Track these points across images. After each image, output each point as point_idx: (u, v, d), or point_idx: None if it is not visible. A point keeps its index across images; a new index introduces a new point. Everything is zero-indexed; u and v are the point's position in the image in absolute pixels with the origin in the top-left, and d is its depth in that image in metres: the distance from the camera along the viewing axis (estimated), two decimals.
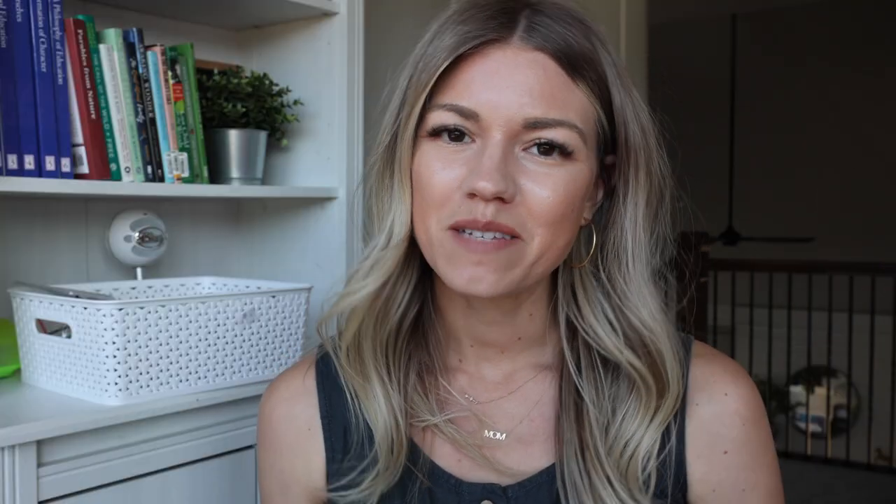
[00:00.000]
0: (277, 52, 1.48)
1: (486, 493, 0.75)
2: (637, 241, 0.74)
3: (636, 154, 0.72)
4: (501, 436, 0.77)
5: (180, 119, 1.23)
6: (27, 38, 1.04)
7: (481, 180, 0.65)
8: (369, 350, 0.76)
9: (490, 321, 0.76)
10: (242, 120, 1.34)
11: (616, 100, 0.71)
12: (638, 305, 0.73)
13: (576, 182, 0.69)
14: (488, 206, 0.66)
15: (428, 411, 0.77)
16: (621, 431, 0.73)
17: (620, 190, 0.74)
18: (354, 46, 1.41)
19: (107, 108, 1.13)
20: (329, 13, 1.39)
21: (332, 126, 1.41)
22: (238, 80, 1.33)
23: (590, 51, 0.69)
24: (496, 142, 0.67)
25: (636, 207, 0.73)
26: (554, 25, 0.68)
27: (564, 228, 0.70)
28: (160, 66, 1.20)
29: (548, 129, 0.67)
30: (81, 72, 1.09)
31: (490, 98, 0.67)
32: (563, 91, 0.68)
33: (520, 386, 0.79)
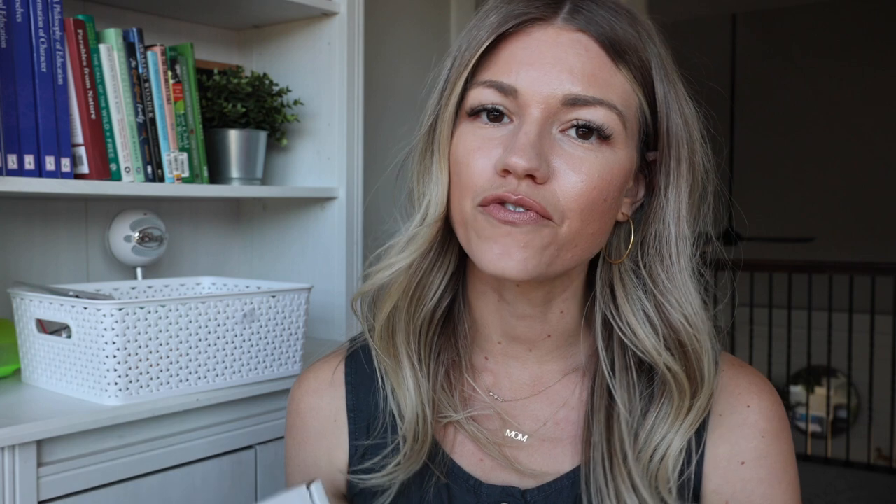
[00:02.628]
0: (277, 52, 1.48)
1: (504, 496, 0.74)
2: (681, 235, 0.72)
3: (678, 145, 0.71)
4: (523, 437, 0.76)
5: (180, 119, 1.23)
6: (27, 38, 1.04)
7: (514, 156, 0.64)
8: (402, 334, 0.76)
9: (521, 315, 0.75)
10: (242, 120, 1.34)
11: (659, 89, 0.69)
12: (681, 300, 0.71)
13: (612, 169, 0.67)
14: (520, 183, 0.65)
15: (451, 408, 0.77)
16: (652, 436, 0.71)
17: (662, 182, 0.72)
18: (354, 46, 1.41)
19: (107, 108, 1.13)
20: (329, 13, 1.39)
21: (332, 126, 1.41)
22: (238, 80, 1.33)
23: (634, 38, 0.68)
24: (533, 119, 0.66)
25: (678, 200, 0.72)
26: (599, 10, 0.68)
27: (596, 216, 0.68)
28: (160, 66, 1.20)
29: (587, 107, 0.66)
30: (81, 72, 1.09)
31: (529, 74, 0.66)
32: (605, 72, 0.67)
33: (547, 387, 0.77)
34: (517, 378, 0.78)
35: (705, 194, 0.74)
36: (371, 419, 0.80)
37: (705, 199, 0.75)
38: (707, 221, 0.75)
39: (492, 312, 0.76)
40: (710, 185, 0.74)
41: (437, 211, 0.71)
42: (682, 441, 0.71)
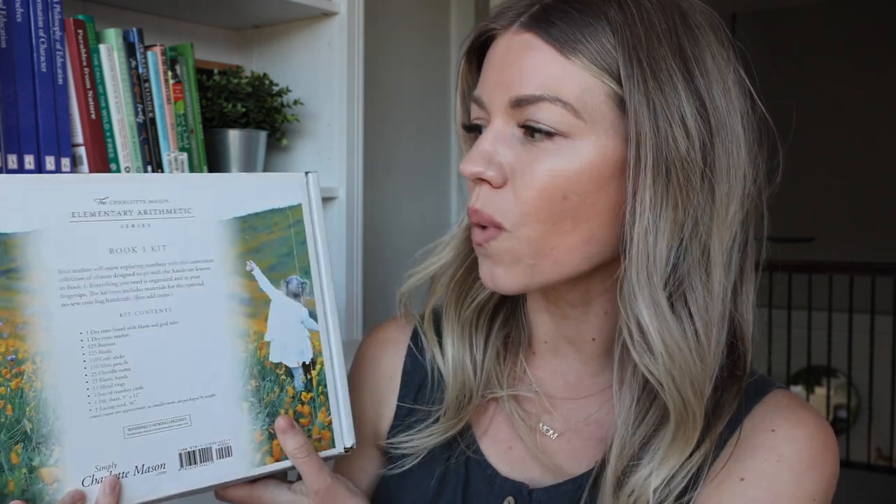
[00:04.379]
0: (277, 52, 1.48)
1: (513, 491, 0.75)
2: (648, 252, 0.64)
3: (645, 148, 0.62)
4: (553, 434, 0.76)
5: (180, 119, 1.23)
6: (27, 38, 1.04)
7: (464, 163, 0.67)
8: (451, 318, 0.79)
9: (564, 315, 0.75)
10: (242, 120, 1.34)
11: (624, 72, 0.63)
12: (635, 293, 0.64)
13: (570, 164, 0.63)
14: (480, 190, 0.67)
15: (499, 383, 0.78)
16: (653, 466, 0.66)
17: (630, 187, 0.64)
18: (354, 46, 1.41)
19: (107, 108, 1.13)
20: (329, 13, 1.39)
21: (332, 126, 1.41)
22: (238, 80, 1.33)
23: (591, 22, 0.64)
24: (492, 127, 0.67)
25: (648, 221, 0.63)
26: (562, 5, 0.66)
27: (561, 216, 0.64)
28: (160, 66, 1.20)
29: (531, 105, 0.64)
30: (81, 72, 1.09)
31: (488, 84, 0.68)
32: (554, 68, 0.64)
33: (590, 394, 0.77)
34: (561, 377, 0.78)
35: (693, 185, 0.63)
36: (422, 384, 0.82)
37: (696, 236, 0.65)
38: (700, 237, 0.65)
39: (541, 311, 0.77)
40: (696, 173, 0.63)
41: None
42: (661, 478, 0.65)
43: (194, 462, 0.68)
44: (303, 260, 0.74)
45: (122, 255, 0.66)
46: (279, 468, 0.71)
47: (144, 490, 0.66)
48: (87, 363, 0.64)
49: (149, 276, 0.67)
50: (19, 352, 0.61)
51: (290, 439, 0.70)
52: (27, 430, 0.61)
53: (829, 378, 4.15)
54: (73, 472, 0.63)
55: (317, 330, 0.74)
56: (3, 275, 0.62)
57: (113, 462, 0.64)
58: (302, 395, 0.72)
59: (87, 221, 0.65)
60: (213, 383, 0.69)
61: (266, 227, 0.73)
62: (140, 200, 0.68)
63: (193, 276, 0.69)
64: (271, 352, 0.72)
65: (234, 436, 0.69)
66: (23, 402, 0.61)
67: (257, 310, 0.71)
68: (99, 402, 0.64)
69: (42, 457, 0.62)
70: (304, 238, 0.74)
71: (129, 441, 0.65)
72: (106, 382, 0.64)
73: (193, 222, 0.70)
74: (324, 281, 0.75)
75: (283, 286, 0.73)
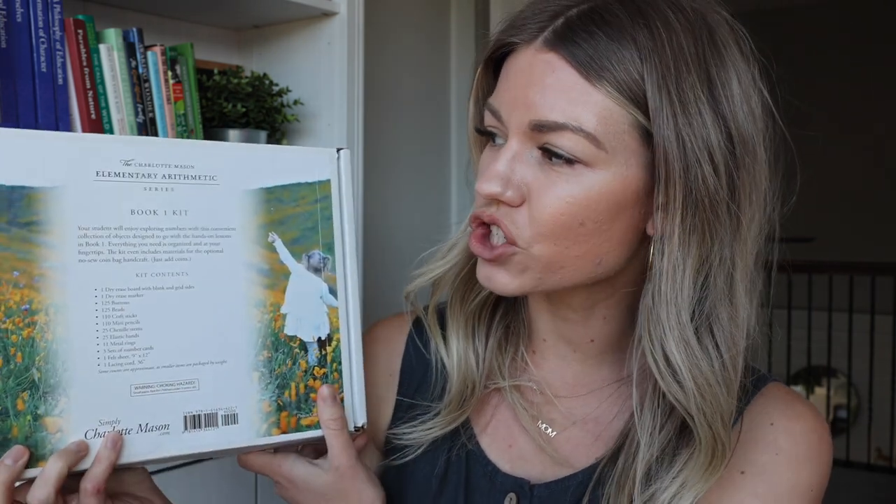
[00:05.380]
0: (277, 52, 1.48)
1: (515, 487, 0.75)
2: (672, 261, 0.64)
3: (668, 167, 0.62)
4: (552, 431, 0.77)
5: (180, 119, 1.23)
6: (27, 38, 1.04)
7: (481, 182, 0.66)
8: (454, 314, 0.80)
9: (564, 317, 0.76)
10: (242, 120, 1.34)
11: (653, 104, 0.61)
12: (665, 332, 0.65)
13: (589, 193, 0.63)
14: (494, 206, 0.67)
15: (500, 376, 0.79)
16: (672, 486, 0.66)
17: (659, 225, 0.64)
18: (354, 46, 1.41)
19: (107, 108, 1.13)
20: (329, 13, 1.39)
21: (332, 126, 1.41)
22: (238, 80, 1.33)
23: (619, 47, 0.62)
24: (510, 144, 0.66)
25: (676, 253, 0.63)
26: (584, 26, 0.63)
27: (576, 240, 0.65)
28: (160, 66, 1.20)
29: (551, 133, 0.63)
30: (81, 72, 1.09)
31: (508, 98, 0.66)
32: (577, 93, 0.62)
33: (589, 391, 0.77)
34: (560, 376, 0.79)
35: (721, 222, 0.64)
36: (422, 380, 0.83)
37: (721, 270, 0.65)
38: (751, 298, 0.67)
39: (542, 311, 0.78)
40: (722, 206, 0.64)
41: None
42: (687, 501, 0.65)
43: (198, 426, 0.68)
44: (327, 236, 0.74)
45: (142, 216, 0.67)
46: (285, 440, 0.71)
47: (146, 448, 0.66)
48: (98, 319, 0.65)
49: (168, 238, 0.68)
50: (34, 302, 0.63)
51: (328, 408, 0.71)
52: (35, 379, 0.62)
53: (829, 378, 4.15)
54: (76, 423, 0.64)
55: (336, 306, 0.74)
56: (25, 227, 0.63)
57: (117, 418, 0.65)
58: (315, 369, 0.73)
59: (111, 181, 0.66)
60: (225, 350, 0.69)
61: (292, 200, 0.73)
62: (165, 164, 0.68)
63: (213, 243, 0.69)
64: (286, 324, 0.72)
65: (242, 404, 0.70)
66: (33, 351, 0.63)
67: (276, 281, 0.72)
68: (108, 358, 0.65)
69: (47, 406, 0.63)
70: (329, 214, 0.74)
71: (135, 399, 0.66)
72: (116, 340, 0.65)
73: (218, 190, 0.70)
74: (347, 258, 0.75)
75: (305, 260, 0.73)
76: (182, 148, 0.70)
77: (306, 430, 0.72)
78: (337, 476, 0.71)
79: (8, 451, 0.61)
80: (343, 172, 0.76)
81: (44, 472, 0.61)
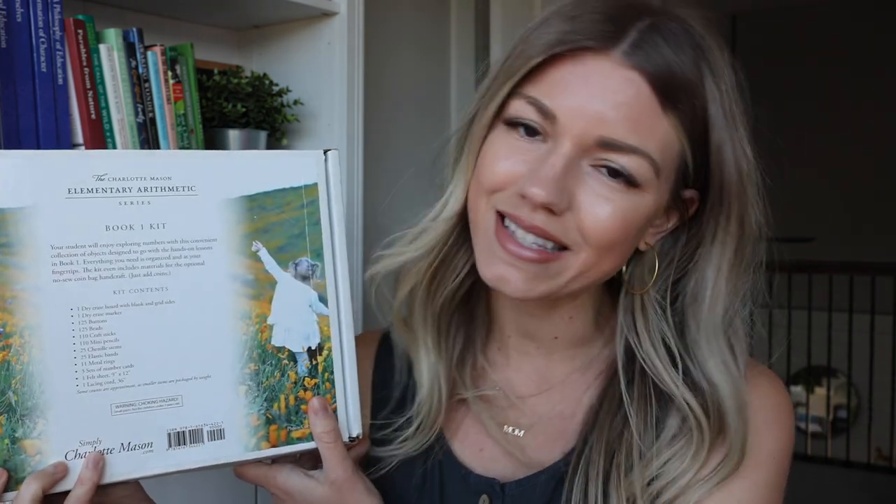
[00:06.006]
0: (277, 52, 1.48)
1: (486, 487, 0.76)
2: (717, 290, 0.70)
3: (729, 201, 0.68)
4: (520, 432, 0.77)
5: (180, 119, 1.23)
6: (27, 38, 1.04)
7: (535, 186, 0.64)
8: (420, 314, 0.77)
9: (529, 313, 0.76)
10: (242, 120, 1.34)
11: (715, 139, 0.66)
12: (706, 356, 0.69)
13: (636, 211, 0.66)
14: (535, 212, 0.65)
15: (463, 385, 0.79)
16: (666, 470, 0.69)
17: (709, 234, 0.70)
18: (354, 46, 1.41)
19: (107, 108, 1.13)
20: (329, 13, 1.39)
21: (332, 126, 1.41)
22: (238, 80, 1.33)
23: (693, 83, 0.65)
24: (564, 151, 0.64)
25: (722, 256, 0.70)
26: (663, 47, 0.64)
27: (614, 253, 0.67)
28: (160, 66, 1.20)
29: (620, 153, 0.63)
30: (81, 72, 1.09)
31: (572, 105, 0.64)
32: (650, 118, 0.63)
33: (551, 386, 0.78)
34: (524, 373, 0.79)
35: (756, 253, 0.72)
36: (391, 394, 0.82)
37: (754, 260, 0.72)
38: (757, 284, 0.73)
39: (505, 306, 0.78)
40: (761, 243, 0.72)
41: (455, 206, 0.72)
42: (700, 495, 0.68)
43: (183, 443, 0.67)
44: (315, 241, 0.72)
45: (118, 232, 0.65)
46: (274, 454, 0.70)
47: (129, 467, 0.66)
48: (76, 339, 0.64)
49: (146, 253, 0.66)
50: (7, 325, 0.62)
51: (320, 421, 0.70)
52: (11, 402, 0.62)
53: (829, 378, 4.15)
54: (56, 445, 0.63)
55: (326, 314, 0.72)
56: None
57: (98, 438, 0.64)
58: (305, 380, 0.71)
59: (84, 198, 0.65)
60: (209, 365, 0.68)
61: (276, 207, 0.71)
62: (140, 177, 0.67)
63: (193, 256, 0.68)
64: (274, 335, 0.70)
65: (228, 419, 0.68)
66: (9, 374, 0.61)
67: (261, 291, 0.70)
68: (87, 378, 0.64)
69: (25, 429, 0.62)
70: (317, 218, 0.72)
71: (116, 418, 0.65)
72: (95, 359, 0.64)
73: (197, 200, 0.68)
74: (338, 264, 0.73)
75: (292, 268, 0.71)
76: (157, 159, 0.69)
77: (298, 442, 0.71)
78: (334, 489, 0.71)
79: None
80: (332, 174, 0.74)
81: (20, 496, 0.61)
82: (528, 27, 0.70)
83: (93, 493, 0.63)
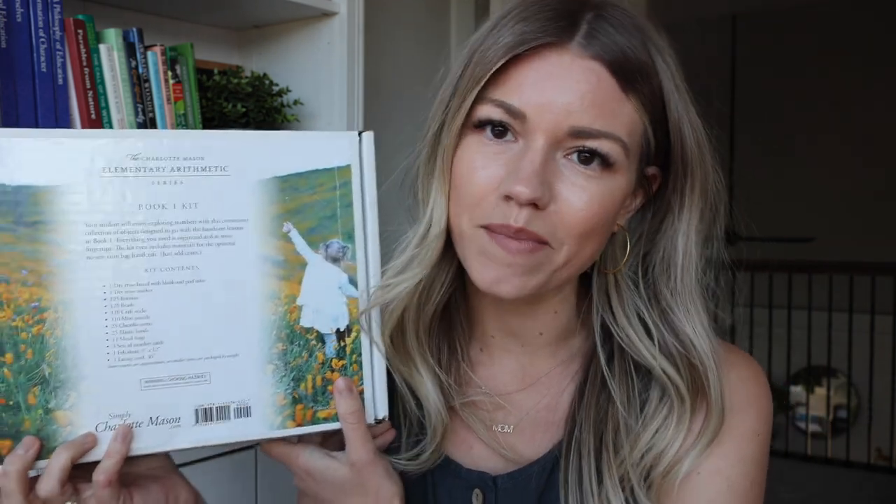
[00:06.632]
0: (277, 52, 1.48)
1: (479, 481, 0.76)
2: (688, 257, 0.73)
3: (693, 170, 0.71)
4: (509, 428, 0.78)
5: (180, 119, 1.23)
6: (27, 38, 1.04)
7: (518, 184, 0.64)
8: (412, 334, 0.77)
9: (513, 311, 0.77)
10: (242, 120, 1.34)
11: (673, 115, 0.69)
12: (683, 321, 0.72)
13: (612, 195, 0.68)
14: (522, 210, 0.66)
15: (451, 393, 0.78)
16: (655, 442, 0.71)
17: (676, 205, 0.73)
18: (354, 46, 1.41)
19: (107, 108, 1.13)
20: (329, 13, 1.39)
21: (332, 126, 1.41)
22: (238, 80, 1.33)
23: (647, 64, 0.68)
24: (538, 146, 0.66)
25: (689, 224, 0.72)
26: (614, 34, 0.67)
27: (594, 239, 0.69)
28: (160, 66, 1.20)
29: (592, 139, 0.66)
30: (81, 72, 1.09)
31: (540, 101, 0.66)
32: (613, 102, 0.66)
33: (536, 379, 0.79)
34: (509, 370, 0.80)
35: (717, 216, 0.75)
36: (394, 410, 0.81)
37: (717, 222, 0.75)
38: (720, 242, 0.76)
39: (487, 307, 0.78)
40: (721, 205, 0.74)
41: (440, 223, 0.71)
42: (693, 463, 0.70)
43: (210, 419, 0.68)
44: (346, 223, 0.73)
45: (151, 210, 0.67)
46: (299, 433, 0.71)
47: (156, 441, 0.67)
48: (108, 315, 0.65)
49: (178, 233, 0.68)
50: (42, 300, 0.64)
51: (345, 401, 0.70)
52: (45, 374, 0.64)
53: (829, 378, 4.15)
54: (87, 417, 0.65)
55: (356, 297, 0.73)
56: (31, 226, 0.64)
57: (127, 411, 0.66)
58: (333, 361, 0.72)
59: (118, 177, 0.66)
60: (237, 343, 0.69)
61: (309, 188, 0.71)
62: (174, 157, 0.68)
63: (224, 236, 0.69)
64: (302, 316, 0.71)
65: (255, 397, 0.69)
66: (43, 347, 0.64)
67: (291, 272, 0.71)
68: (117, 353, 0.66)
69: (58, 400, 0.64)
70: (350, 200, 0.73)
71: (146, 392, 0.66)
72: (126, 334, 0.66)
73: (229, 181, 0.69)
74: (369, 247, 0.74)
75: (323, 249, 0.72)
76: (191, 140, 0.69)
77: (323, 422, 0.71)
78: (355, 471, 0.71)
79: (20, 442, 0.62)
80: (366, 157, 0.74)
81: (49, 464, 0.63)
82: (475, 38, 0.72)
83: (121, 465, 0.64)
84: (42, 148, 0.64)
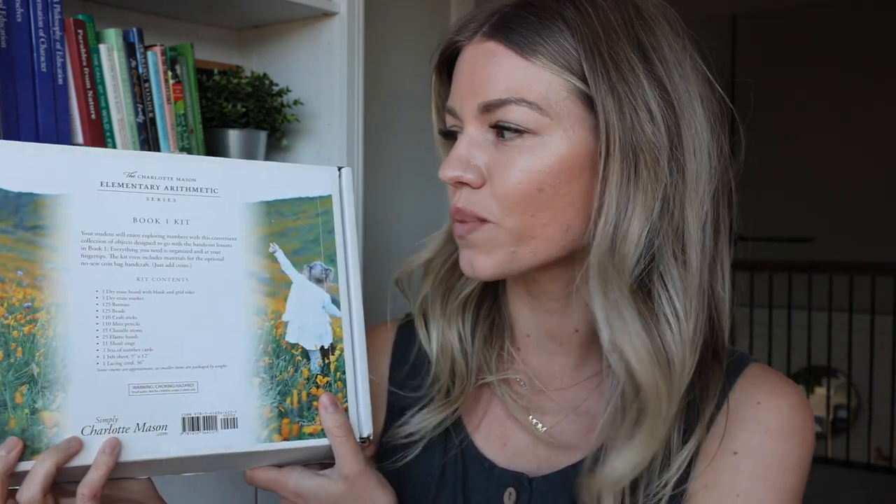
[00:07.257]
0: (277, 52, 1.48)
1: (513, 481, 0.76)
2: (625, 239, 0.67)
3: (617, 140, 0.66)
4: (543, 427, 0.77)
5: (180, 119, 1.23)
6: (27, 38, 1.04)
7: (442, 169, 0.71)
8: (439, 307, 0.82)
9: (546, 309, 0.77)
10: (242, 120, 1.34)
11: (587, 66, 0.66)
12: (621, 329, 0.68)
13: (542, 159, 0.67)
14: (460, 192, 0.71)
15: (488, 370, 0.80)
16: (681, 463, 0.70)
17: (600, 177, 0.67)
18: (354, 46, 1.41)
19: (107, 108, 1.13)
20: (329, 13, 1.39)
21: (332, 126, 1.41)
22: (238, 80, 1.33)
23: (548, 24, 0.68)
24: (466, 131, 0.71)
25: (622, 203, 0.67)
26: (519, 11, 0.70)
27: (539, 207, 0.68)
28: (160, 66, 1.20)
29: (499, 109, 0.68)
30: (81, 72, 1.09)
31: (459, 94, 0.72)
32: (513, 70, 0.68)
33: (575, 383, 0.78)
34: (548, 369, 0.79)
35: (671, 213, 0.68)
36: (413, 376, 0.83)
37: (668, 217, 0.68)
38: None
39: (523, 307, 0.79)
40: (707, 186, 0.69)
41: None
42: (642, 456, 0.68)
43: (197, 428, 0.69)
44: (329, 248, 0.76)
45: (144, 224, 0.70)
46: (286, 447, 0.71)
47: (143, 448, 0.67)
48: (99, 319, 0.67)
49: (169, 246, 0.70)
50: (36, 300, 0.65)
51: (330, 416, 0.71)
52: (34, 374, 0.64)
53: (829, 378, 4.15)
54: (74, 419, 0.65)
55: (339, 316, 0.75)
56: (30, 230, 0.66)
57: (114, 416, 0.66)
58: (318, 378, 0.73)
59: (115, 191, 0.69)
60: (225, 355, 0.70)
61: (293, 214, 0.75)
62: (168, 177, 0.71)
63: (214, 252, 0.72)
64: (288, 332, 0.73)
65: (242, 409, 0.70)
66: (33, 347, 0.65)
67: (277, 290, 0.73)
68: (107, 357, 0.67)
69: (45, 400, 0.64)
70: (331, 227, 0.76)
71: (133, 398, 0.67)
72: (116, 339, 0.67)
73: (219, 202, 0.73)
74: (350, 270, 0.77)
75: (306, 270, 0.75)
76: (183, 162, 0.73)
77: (309, 437, 0.71)
78: (348, 484, 0.71)
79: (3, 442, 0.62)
80: (345, 190, 0.78)
81: (33, 470, 0.62)
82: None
83: (107, 478, 0.64)
84: (46, 160, 0.68)
